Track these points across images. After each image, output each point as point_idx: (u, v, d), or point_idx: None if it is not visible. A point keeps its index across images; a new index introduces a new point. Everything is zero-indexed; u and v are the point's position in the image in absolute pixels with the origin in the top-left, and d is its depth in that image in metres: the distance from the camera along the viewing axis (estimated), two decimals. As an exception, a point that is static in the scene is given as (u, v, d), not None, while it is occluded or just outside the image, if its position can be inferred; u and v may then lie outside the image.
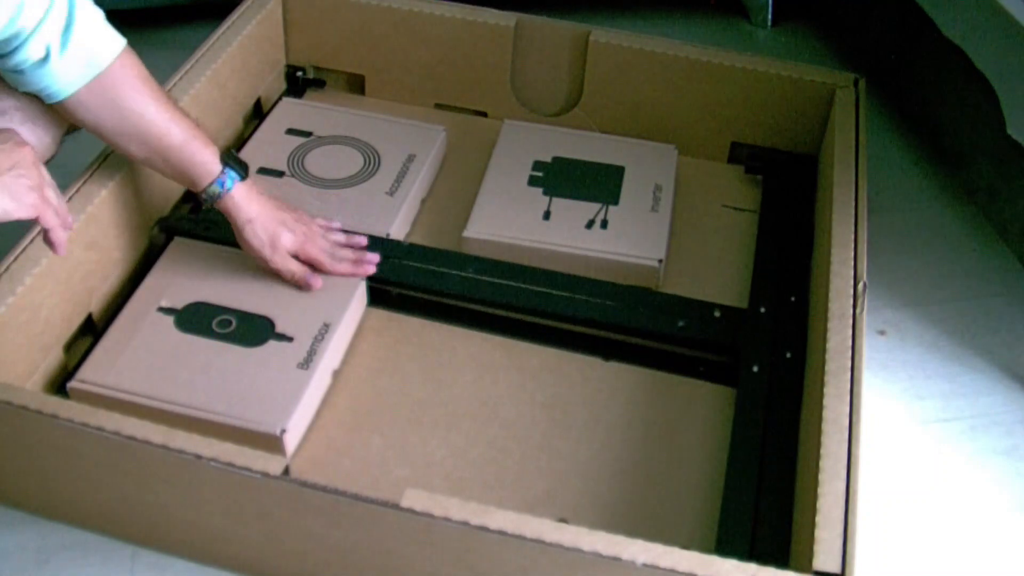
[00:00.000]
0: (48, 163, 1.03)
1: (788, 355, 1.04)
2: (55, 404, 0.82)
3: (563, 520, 0.89)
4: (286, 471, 0.79)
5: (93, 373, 1.00)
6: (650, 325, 1.08)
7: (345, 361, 1.07)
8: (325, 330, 1.04)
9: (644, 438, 1.01)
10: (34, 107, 0.95)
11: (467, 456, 0.99)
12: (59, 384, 1.01)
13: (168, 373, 0.99)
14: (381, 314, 1.13)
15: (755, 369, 1.03)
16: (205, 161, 1.01)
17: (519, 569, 0.77)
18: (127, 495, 0.88)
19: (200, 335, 1.04)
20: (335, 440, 0.99)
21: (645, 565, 0.72)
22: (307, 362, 1.01)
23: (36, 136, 0.97)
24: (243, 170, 1.04)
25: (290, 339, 1.03)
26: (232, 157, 1.04)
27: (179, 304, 1.07)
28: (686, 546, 0.74)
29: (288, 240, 1.06)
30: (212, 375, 0.99)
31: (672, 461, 0.99)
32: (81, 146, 1.08)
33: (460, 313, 1.12)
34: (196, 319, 1.05)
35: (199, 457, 0.79)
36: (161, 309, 1.06)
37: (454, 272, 1.13)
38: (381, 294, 1.13)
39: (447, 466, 0.98)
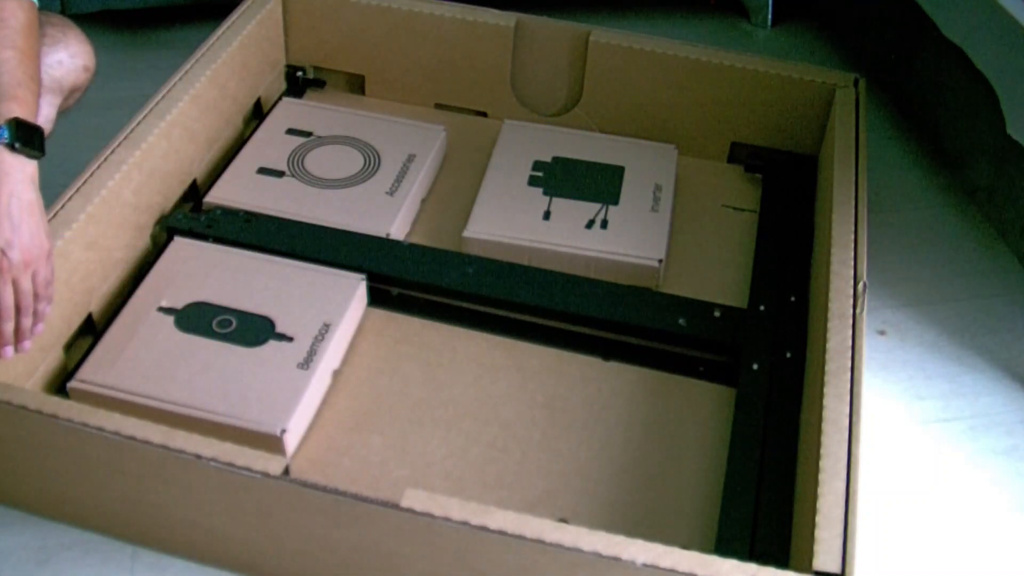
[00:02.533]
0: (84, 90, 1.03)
1: (788, 355, 1.04)
2: (55, 404, 0.82)
3: (563, 520, 0.89)
4: (286, 471, 0.78)
5: (93, 373, 1.00)
6: (650, 324, 1.08)
7: (345, 361, 1.07)
8: (325, 330, 1.04)
9: (644, 438, 1.01)
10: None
11: (467, 456, 0.99)
12: (59, 384, 1.01)
13: (168, 373, 0.99)
14: (381, 314, 1.13)
15: (755, 367, 1.03)
16: None
17: (519, 569, 0.77)
18: (127, 495, 0.87)
19: (200, 335, 1.04)
20: (335, 440, 0.99)
21: (645, 565, 0.72)
22: (307, 362, 1.01)
23: (68, 51, 0.96)
24: (20, 142, 0.88)
25: (290, 339, 1.03)
26: (24, 127, 0.89)
27: (179, 304, 1.07)
28: (686, 546, 0.74)
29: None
30: (212, 375, 0.99)
31: (672, 461, 0.99)
32: (81, 146, 1.08)
33: (460, 313, 1.12)
34: (196, 319, 1.05)
35: (199, 457, 0.79)
36: (161, 309, 1.06)
37: (454, 272, 1.13)
38: (381, 294, 1.13)
39: (447, 466, 0.98)
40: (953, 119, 1.42)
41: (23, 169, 0.88)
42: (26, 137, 0.89)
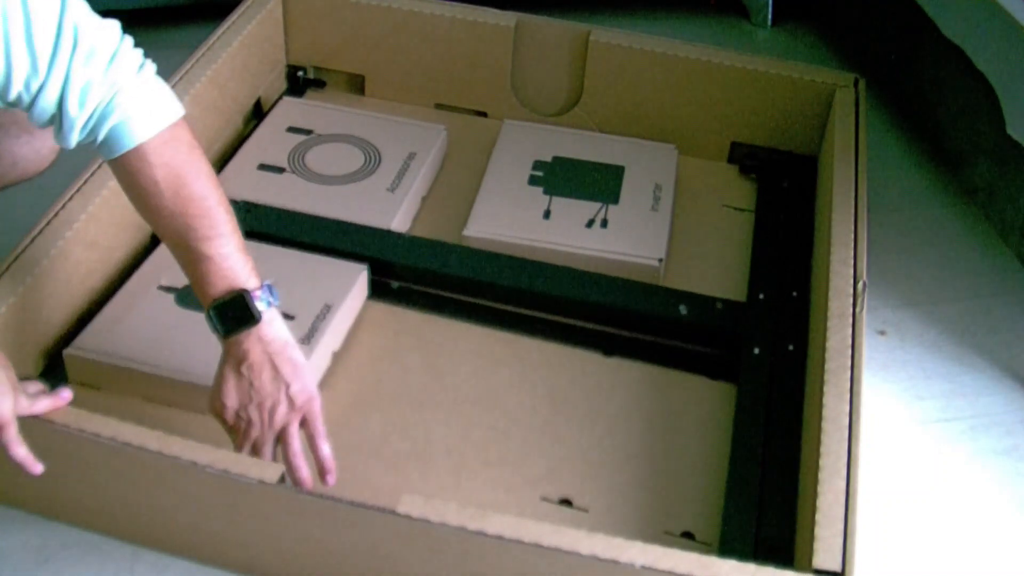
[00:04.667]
0: (45, 171, 1.03)
1: (790, 347, 1.04)
2: (53, 408, 0.82)
3: (566, 500, 0.89)
4: (282, 478, 0.78)
5: (91, 341, 0.99)
6: (651, 313, 1.07)
7: (346, 354, 1.06)
8: (326, 311, 1.04)
9: (645, 436, 1.00)
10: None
11: (469, 438, 0.98)
12: (55, 351, 1.00)
13: (167, 343, 0.99)
14: (382, 307, 1.12)
15: (756, 352, 1.03)
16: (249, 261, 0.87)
17: (517, 572, 0.77)
18: (127, 497, 0.87)
19: (201, 311, 1.02)
20: (334, 436, 0.98)
21: (644, 567, 0.72)
22: (308, 338, 1.01)
23: (33, 148, 0.97)
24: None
25: (291, 317, 1.02)
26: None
27: (179, 284, 1.05)
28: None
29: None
30: (212, 345, 0.98)
31: (673, 458, 0.99)
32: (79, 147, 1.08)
33: (461, 307, 1.12)
34: (197, 295, 1.04)
35: (195, 464, 0.78)
36: (161, 287, 1.06)
37: (455, 265, 1.13)
38: (382, 287, 1.13)
39: (448, 443, 0.98)
40: (953, 119, 1.42)
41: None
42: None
